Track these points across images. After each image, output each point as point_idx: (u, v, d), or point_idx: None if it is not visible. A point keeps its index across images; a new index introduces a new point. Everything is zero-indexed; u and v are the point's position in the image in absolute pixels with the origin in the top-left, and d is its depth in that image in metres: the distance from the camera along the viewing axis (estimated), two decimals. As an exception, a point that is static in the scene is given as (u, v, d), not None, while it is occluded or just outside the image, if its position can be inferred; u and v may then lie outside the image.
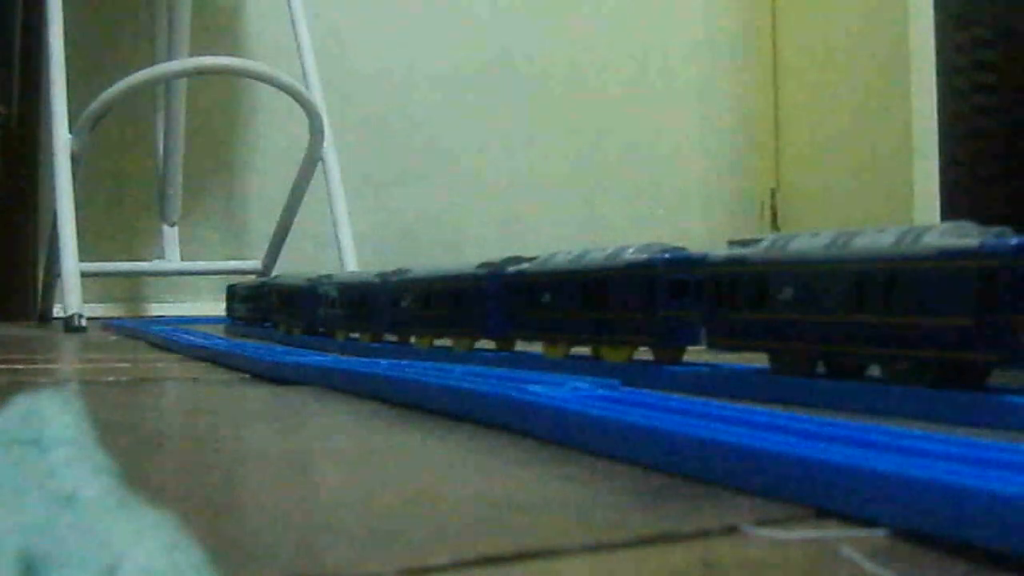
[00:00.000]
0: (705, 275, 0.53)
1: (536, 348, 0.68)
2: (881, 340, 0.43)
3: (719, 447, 0.28)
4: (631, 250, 0.58)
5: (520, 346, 0.72)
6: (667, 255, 0.56)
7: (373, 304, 0.86)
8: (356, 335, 0.91)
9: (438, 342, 0.78)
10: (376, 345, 0.85)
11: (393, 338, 0.86)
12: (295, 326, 1.04)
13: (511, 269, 0.69)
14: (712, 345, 0.54)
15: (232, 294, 1.42)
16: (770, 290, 0.49)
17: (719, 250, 0.53)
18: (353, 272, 1.00)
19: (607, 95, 2.37)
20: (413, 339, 0.82)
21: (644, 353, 0.59)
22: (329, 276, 0.99)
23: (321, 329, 0.98)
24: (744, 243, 0.52)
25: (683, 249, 0.57)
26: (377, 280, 0.86)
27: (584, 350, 0.64)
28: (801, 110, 2.43)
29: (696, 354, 0.57)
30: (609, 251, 0.60)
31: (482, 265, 0.72)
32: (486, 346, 0.73)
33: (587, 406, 0.35)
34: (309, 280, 1.01)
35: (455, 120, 2.23)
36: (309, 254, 1.95)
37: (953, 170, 2.14)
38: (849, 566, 0.20)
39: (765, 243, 0.50)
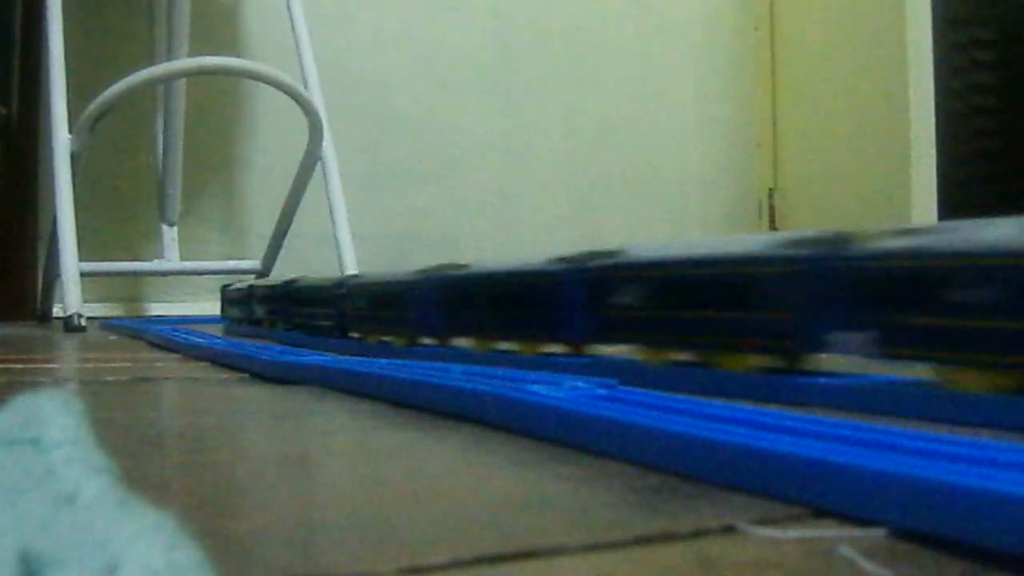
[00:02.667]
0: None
1: (615, 352, 0.60)
2: None
3: (717, 446, 0.28)
4: (762, 240, 0.48)
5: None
6: (810, 251, 0.45)
7: (410, 304, 0.77)
8: (389, 339, 0.83)
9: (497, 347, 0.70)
10: (419, 349, 0.76)
11: (432, 342, 0.77)
12: (328, 331, 0.94)
13: (595, 264, 0.59)
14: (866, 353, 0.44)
15: (234, 296, 1.31)
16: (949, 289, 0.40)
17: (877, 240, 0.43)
18: (385, 271, 0.89)
19: (606, 95, 2.37)
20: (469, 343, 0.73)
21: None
22: (356, 276, 0.91)
23: (354, 334, 0.90)
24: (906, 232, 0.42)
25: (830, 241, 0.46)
26: (419, 278, 0.77)
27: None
28: (799, 110, 2.43)
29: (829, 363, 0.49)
30: (732, 239, 0.50)
31: (558, 260, 0.62)
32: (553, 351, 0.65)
33: (585, 405, 0.35)
34: (338, 280, 0.92)
35: (454, 120, 2.23)
36: (308, 254, 1.95)
37: (951, 170, 2.14)
38: (847, 565, 0.20)
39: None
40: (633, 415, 0.33)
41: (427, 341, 0.78)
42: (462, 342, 0.74)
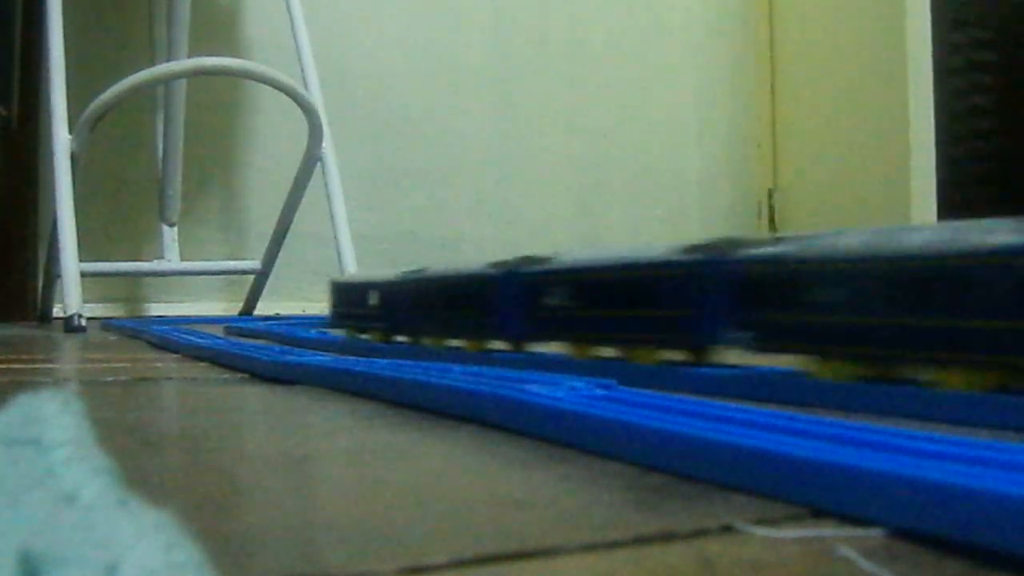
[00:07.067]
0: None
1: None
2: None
3: (716, 446, 0.28)
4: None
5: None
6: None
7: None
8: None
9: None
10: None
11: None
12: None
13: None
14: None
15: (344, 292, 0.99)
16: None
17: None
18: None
19: (606, 96, 2.37)
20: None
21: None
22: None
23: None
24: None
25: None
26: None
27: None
28: (799, 110, 2.43)
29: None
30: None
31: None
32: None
33: (584, 406, 0.35)
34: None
35: (454, 120, 2.23)
36: (308, 254, 1.95)
37: (950, 169, 2.14)
38: (846, 565, 0.20)
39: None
40: (632, 415, 0.33)
41: None
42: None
